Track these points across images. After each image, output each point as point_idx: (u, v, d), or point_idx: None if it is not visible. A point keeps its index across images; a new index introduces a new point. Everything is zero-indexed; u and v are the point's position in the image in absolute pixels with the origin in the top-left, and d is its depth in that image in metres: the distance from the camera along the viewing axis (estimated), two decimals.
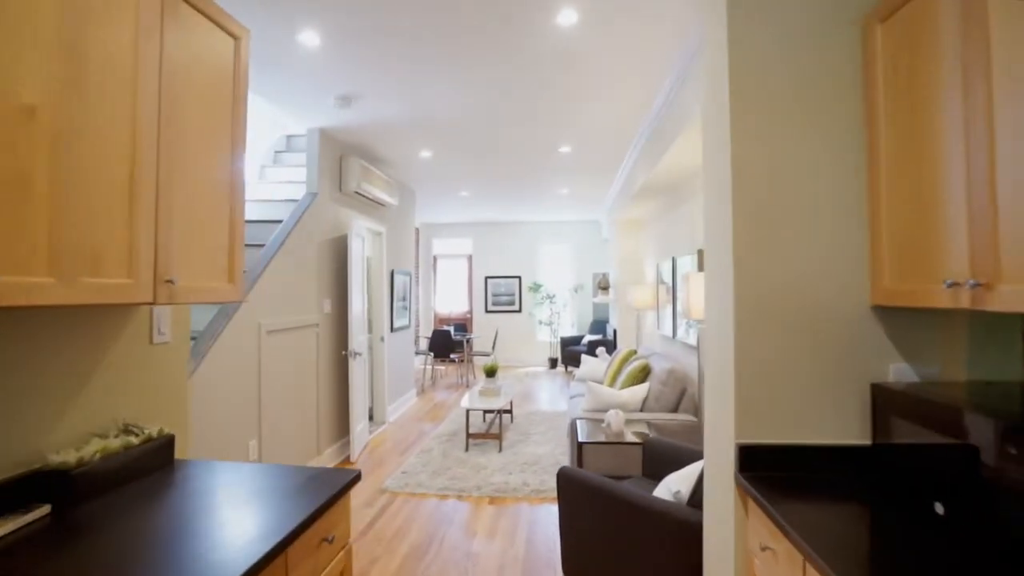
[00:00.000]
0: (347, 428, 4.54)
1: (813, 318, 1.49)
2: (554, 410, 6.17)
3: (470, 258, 10.40)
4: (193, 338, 3.06)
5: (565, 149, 4.94)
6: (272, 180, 4.71)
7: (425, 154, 5.03)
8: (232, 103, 1.58)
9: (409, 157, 5.15)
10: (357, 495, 3.72)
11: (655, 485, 2.72)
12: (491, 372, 5.02)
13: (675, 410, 3.95)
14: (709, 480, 1.69)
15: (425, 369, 8.41)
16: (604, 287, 7.55)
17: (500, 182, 6.44)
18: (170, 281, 1.29)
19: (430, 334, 7.71)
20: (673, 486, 2.08)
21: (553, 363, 9.66)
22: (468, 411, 4.60)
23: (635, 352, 5.02)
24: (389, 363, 5.84)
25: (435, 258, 10.46)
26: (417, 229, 10.06)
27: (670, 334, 4.95)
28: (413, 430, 5.41)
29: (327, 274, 4.34)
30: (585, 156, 5.21)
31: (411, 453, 4.62)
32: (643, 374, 4.32)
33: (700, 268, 3.95)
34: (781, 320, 1.49)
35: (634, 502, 1.98)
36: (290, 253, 3.77)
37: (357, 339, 4.52)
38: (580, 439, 3.31)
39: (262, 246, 3.66)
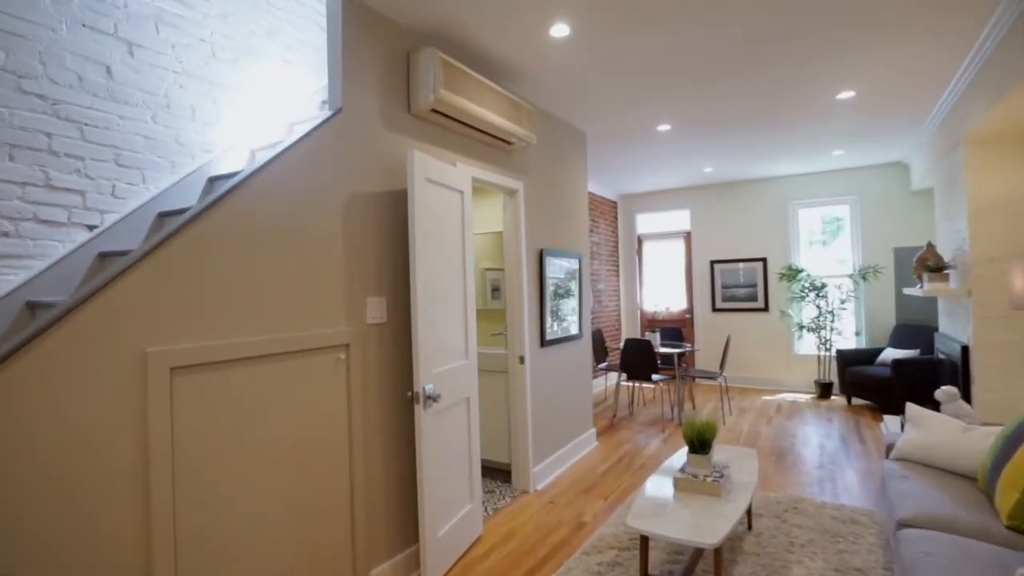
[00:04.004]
0: (423, 527, 2.57)
1: None
2: (838, 502, 3.20)
3: (688, 237, 7.60)
4: None
5: None
6: None
7: (559, 30, 2.76)
8: None
9: (532, 43, 2.94)
10: None
11: None
12: (701, 442, 2.46)
13: None
14: None
15: (618, 390, 6.07)
16: (935, 268, 4.08)
17: (718, 88, 3.71)
18: None
19: (622, 345, 5.36)
20: None
21: (825, 390, 6.24)
22: (646, 539, 2.17)
23: None
24: (538, 395, 3.74)
25: (639, 239, 7.96)
26: (614, 203, 7.73)
27: None
28: (567, 515, 3.20)
29: (376, 255, 2.45)
30: None
31: None
32: None
33: None
34: None
35: None
36: (261, 218, 1.95)
37: (437, 369, 2.53)
38: None
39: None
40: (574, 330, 4.33)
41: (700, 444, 2.42)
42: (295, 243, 2.06)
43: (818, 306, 6.32)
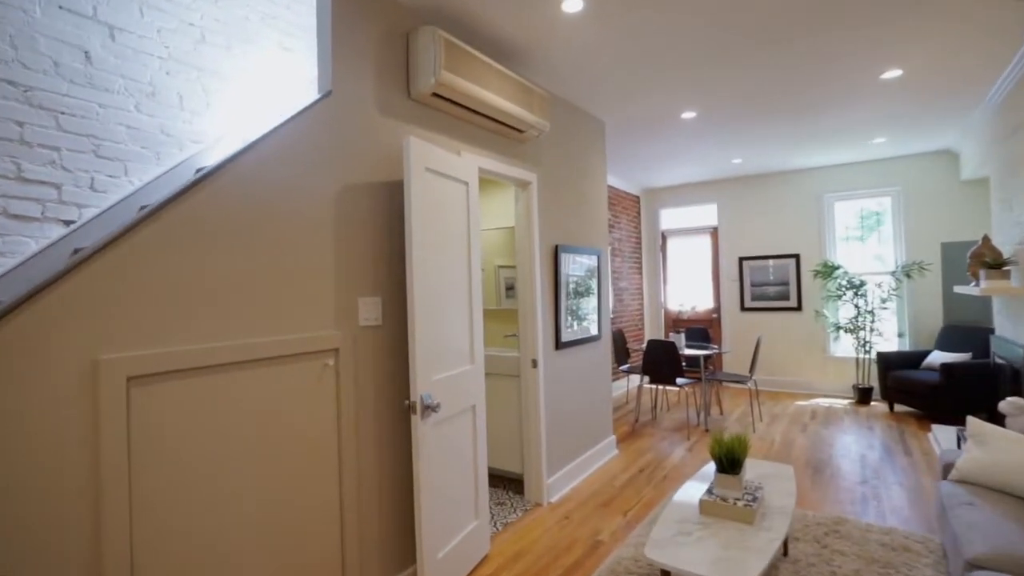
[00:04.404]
0: (421, 548, 2.36)
1: None
2: (886, 524, 2.89)
3: (715, 232, 7.25)
4: None
5: None
6: None
7: (571, 5, 2.51)
8: None
9: (542, 20, 2.70)
10: None
11: None
12: (730, 461, 2.19)
13: None
14: None
15: (640, 393, 5.80)
16: (994, 264, 3.69)
17: (748, 70, 3.42)
18: None
19: (644, 346, 5.07)
20: None
21: (864, 395, 5.83)
22: (667, 572, 1.92)
23: None
24: (552, 401, 3.50)
25: (663, 235, 7.63)
26: (636, 197, 7.43)
27: None
28: (582, 532, 2.96)
29: (372, 251, 2.25)
30: None
31: None
32: None
33: None
34: None
35: None
36: (238, 211, 1.77)
37: (437, 375, 2.33)
38: None
39: None
40: (592, 331, 4.07)
41: (729, 463, 2.15)
42: (277, 238, 1.88)
43: (856, 305, 5.91)
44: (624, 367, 5.63)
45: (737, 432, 4.67)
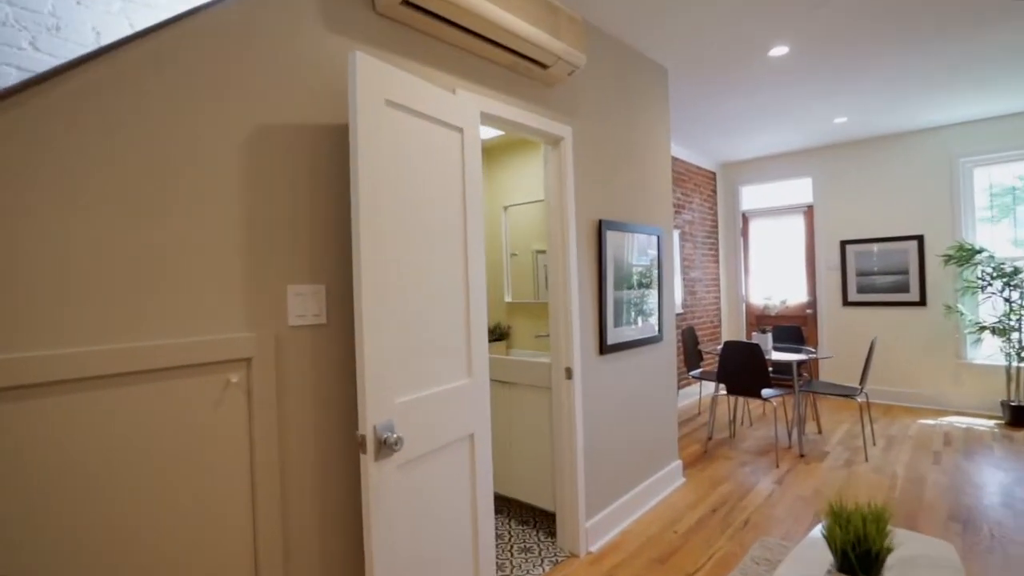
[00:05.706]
0: None
1: None
2: None
3: (809, 211, 6.06)
4: None
5: None
6: None
7: None
8: None
9: None
10: None
11: None
12: (863, 557, 1.33)
13: None
14: None
15: (715, 406, 4.86)
16: None
17: None
18: None
19: (720, 348, 4.12)
20: None
21: (1019, 415, 4.52)
22: None
23: None
24: (595, 420, 2.72)
25: (744, 217, 6.52)
26: (712, 173, 6.37)
27: None
28: None
29: (309, 219, 1.59)
30: None
31: None
32: None
33: None
34: None
35: None
36: (71, 156, 1.17)
37: (405, 396, 1.64)
38: None
39: None
40: (651, 331, 3.23)
41: (862, 561, 1.29)
42: (141, 195, 1.26)
43: (1007, 299, 4.59)
44: (695, 372, 4.71)
45: (866, 496, 3.62)
